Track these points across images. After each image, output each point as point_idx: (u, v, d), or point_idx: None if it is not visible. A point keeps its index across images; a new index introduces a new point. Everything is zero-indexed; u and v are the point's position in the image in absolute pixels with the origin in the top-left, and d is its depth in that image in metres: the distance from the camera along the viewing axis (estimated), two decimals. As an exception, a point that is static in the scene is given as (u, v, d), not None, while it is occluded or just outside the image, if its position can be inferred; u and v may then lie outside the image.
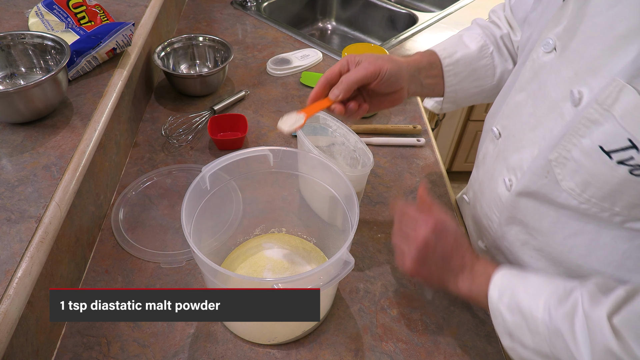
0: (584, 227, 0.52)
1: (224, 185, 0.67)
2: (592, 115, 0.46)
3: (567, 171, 0.50)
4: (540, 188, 0.55)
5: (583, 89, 0.48)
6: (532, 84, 0.57)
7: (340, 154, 0.79)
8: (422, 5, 1.70)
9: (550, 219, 0.56)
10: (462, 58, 0.73)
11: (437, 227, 0.58)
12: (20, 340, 0.53)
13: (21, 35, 0.75)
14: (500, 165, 0.62)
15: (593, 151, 0.46)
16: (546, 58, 0.54)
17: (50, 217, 0.58)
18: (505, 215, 0.61)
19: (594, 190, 0.49)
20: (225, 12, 1.38)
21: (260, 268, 0.71)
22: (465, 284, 0.58)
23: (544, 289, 0.51)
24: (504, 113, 0.64)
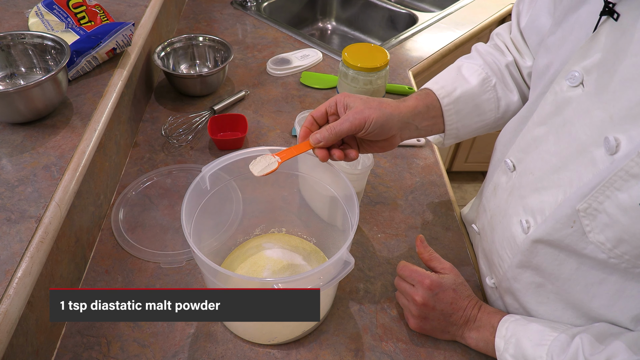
0: (608, 277, 0.49)
1: (224, 185, 0.67)
2: (633, 169, 0.41)
3: (598, 224, 0.46)
4: (564, 237, 0.50)
5: (621, 136, 0.44)
6: (555, 119, 0.52)
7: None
8: (422, 5, 1.70)
9: (570, 267, 0.52)
10: (463, 95, 0.67)
11: (432, 287, 0.61)
12: (20, 340, 0.53)
13: (21, 35, 0.75)
14: (516, 202, 0.58)
15: (631, 208, 0.42)
16: (572, 93, 0.50)
17: (50, 217, 0.58)
18: (518, 258, 0.57)
19: (629, 247, 0.45)
20: (225, 12, 1.38)
21: (260, 268, 0.71)
22: (472, 337, 0.61)
23: (547, 337, 0.52)
24: (519, 145, 0.59)
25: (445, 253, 0.77)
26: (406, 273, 0.64)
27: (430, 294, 0.61)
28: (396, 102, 0.63)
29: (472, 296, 0.63)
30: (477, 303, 0.62)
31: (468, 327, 0.61)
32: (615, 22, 0.45)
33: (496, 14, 1.48)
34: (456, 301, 0.61)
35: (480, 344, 0.60)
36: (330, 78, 1.13)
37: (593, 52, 0.47)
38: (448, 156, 2.02)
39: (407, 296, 0.64)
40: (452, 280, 0.62)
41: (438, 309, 0.61)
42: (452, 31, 1.37)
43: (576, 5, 0.52)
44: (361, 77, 0.96)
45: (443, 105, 0.67)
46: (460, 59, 0.76)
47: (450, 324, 0.62)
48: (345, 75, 0.98)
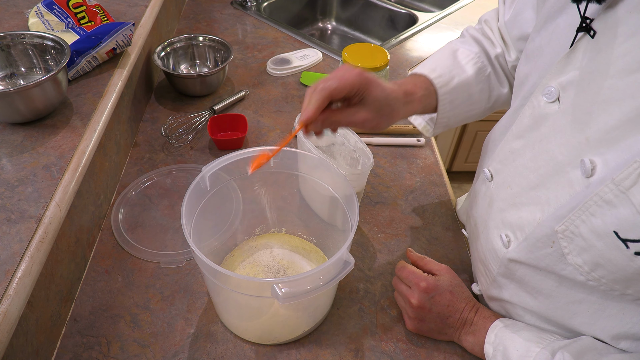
0: (588, 297, 0.49)
1: (224, 185, 0.67)
2: (607, 195, 0.40)
3: (575, 247, 0.45)
4: (544, 257, 0.50)
5: (597, 159, 0.42)
6: (532, 134, 0.52)
7: (340, 154, 0.79)
8: (422, 5, 1.70)
9: (550, 285, 0.52)
10: (460, 84, 0.66)
11: (429, 289, 0.61)
12: (20, 340, 0.53)
13: (21, 35, 0.75)
14: (495, 215, 0.58)
15: (606, 235, 0.41)
16: (548, 109, 0.49)
17: (50, 217, 0.58)
18: (502, 270, 0.57)
19: (605, 272, 0.44)
20: (225, 12, 1.38)
21: (260, 268, 0.70)
22: (468, 341, 0.61)
23: (532, 349, 0.52)
24: (498, 156, 0.59)
25: (445, 253, 0.77)
26: (403, 274, 0.64)
27: (426, 296, 0.61)
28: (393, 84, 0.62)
29: (470, 298, 0.62)
30: (474, 306, 0.62)
31: (464, 330, 0.61)
32: (592, 39, 0.43)
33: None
34: (453, 303, 0.61)
35: (476, 348, 0.60)
36: (330, 78, 1.13)
37: (569, 68, 0.46)
38: (448, 156, 2.02)
39: (403, 298, 0.64)
40: (448, 282, 0.62)
41: (434, 311, 0.61)
42: (452, 31, 1.37)
43: (555, 14, 0.51)
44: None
45: (440, 94, 0.65)
46: (454, 42, 0.74)
47: (447, 326, 0.62)
48: (345, 75, 0.97)
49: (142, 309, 0.67)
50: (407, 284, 0.64)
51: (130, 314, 0.66)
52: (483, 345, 0.58)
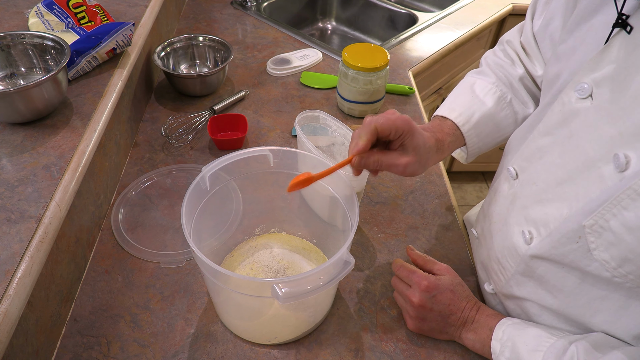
0: (611, 294, 0.48)
1: (224, 185, 0.67)
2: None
3: (602, 242, 0.45)
4: (568, 252, 0.49)
5: (631, 153, 0.43)
6: (561, 130, 0.52)
7: (340, 154, 0.79)
8: (422, 5, 1.70)
9: (573, 282, 0.51)
10: (482, 118, 0.68)
11: (430, 289, 0.61)
12: (20, 340, 0.53)
13: (21, 35, 0.75)
14: (518, 212, 0.57)
15: (638, 228, 0.42)
16: (580, 105, 0.49)
17: (50, 217, 0.58)
18: (521, 267, 0.57)
19: (633, 267, 0.44)
20: (225, 12, 1.38)
21: (260, 268, 0.70)
22: (469, 338, 0.61)
23: (543, 344, 0.52)
24: (523, 154, 0.59)
25: (445, 253, 0.77)
26: (403, 274, 0.64)
27: (427, 295, 0.61)
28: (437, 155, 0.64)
29: (471, 297, 0.62)
30: (475, 304, 0.62)
31: (466, 328, 0.61)
32: (628, 35, 0.44)
33: (496, 14, 1.48)
34: (454, 302, 0.61)
35: (477, 346, 0.60)
36: (330, 78, 1.13)
37: (604, 64, 0.46)
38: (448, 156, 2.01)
39: (404, 297, 0.64)
40: (449, 281, 0.62)
41: (436, 310, 0.61)
42: (452, 31, 1.37)
43: (589, 15, 0.51)
44: (361, 77, 0.96)
45: (464, 132, 0.68)
46: (470, 75, 0.75)
47: (448, 324, 0.62)
48: (345, 75, 0.98)
49: (142, 309, 0.67)
50: (407, 283, 0.64)
51: (130, 314, 0.66)
52: (486, 342, 0.58)
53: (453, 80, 1.55)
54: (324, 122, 0.77)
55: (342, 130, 0.77)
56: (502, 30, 1.63)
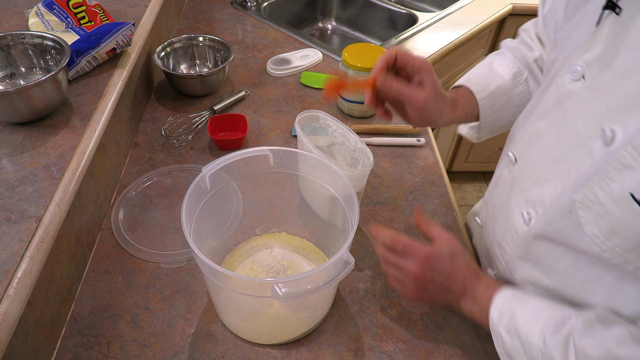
0: (604, 275, 0.49)
1: (224, 185, 0.67)
2: (626, 159, 0.42)
3: (592, 215, 0.46)
4: (560, 229, 0.50)
5: (616, 127, 0.44)
6: (556, 112, 0.53)
7: (340, 154, 0.79)
8: (422, 5, 1.70)
9: (567, 262, 0.52)
10: (497, 89, 0.70)
11: (429, 258, 0.59)
12: (20, 340, 0.53)
13: (21, 35, 0.75)
14: (518, 195, 0.58)
15: (623, 198, 0.42)
16: (573, 86, 0.50)
17: (50, 217, 0.58)
18: (520, 250, 0.58)
19: (620, 240, 0.45)
20: (225, 12, 1.38)
21: (260, 268, 0.70)
22: (467, 306, 0.60)
23: (542, 315, 0.52)
24: (521, 138, 0.60)
25: (445, 253, 0.77)
26: (399, 246, 0.61)
27: (427, 265, 0.59)
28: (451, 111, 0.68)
29: (470, 265, 0.61)
30: (475, 272, 0.60)
31: (465, 296, 0.60)
32: (617, 16, 0.45)
33: (496, 14, 1.48)
34: (454, 271, 0.60)
35: (476, 314, 0.59)
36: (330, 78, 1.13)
37: (595, 45, 0.47)
38: (448, 156, 2.02)
39: (401, 268, 0.61)
40: (448, 249, 0.60)
41: (436, 279, 0.60)
42: (452, 31, 1.37)
43: (585, 1, 0.53)
44: (361, 77, 0.96)
45: (478, 99, 0.70)
46: (490, 56, 0.77)
47: (448, 292, 0.60)
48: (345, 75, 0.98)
49: (142, 309, 0.67)
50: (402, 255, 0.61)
51: (130, 314, 0.66)
52: (484, 310, 0.57)
53: (453, 80, 1.55)
54: (324, 122, 0.77)
55: (342, 130, 0.77)
56: (502, 30, 1.63)
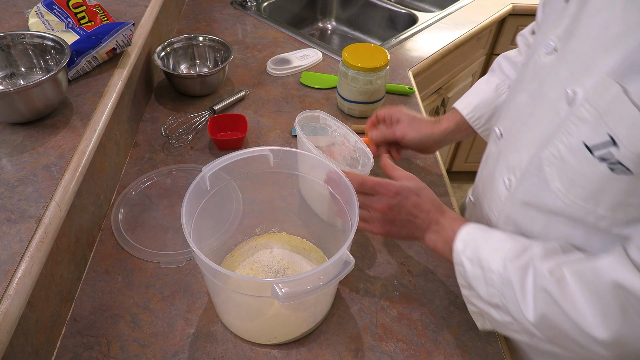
0: (574, 232, 0.53)
1: (224, 185, 0.67)
2: (582, 114, 0.46)
3: (555, 170, 0.51)
4: (532, 188, 0.55)
5: (577, 88, 0.48)
6: (533, 84, 0.57)
7: (340, 154, 0.79)
8: (422, 5, 1.70)
9: (541, 223, 0.56)
10: (480, 103, 0.80)
11: (396, 195, 0.62)
12: (20, 340, 0.53)
13: (21, 35, 0.75)
14: (501, 165, 0.62)
15: (578, 148, 0.47)
16: (547, 59, 0.55)
17: (50, 217, 0.58)
18: (503, 215, 0.62)
19: (578, 189, 0.49)
20: (225, 12, 1.38)
21: (260, 268, 0.70)
22: (431, 238, 0.63)
23: (505, 245, 0.55)
24: (506, 114, 0.64)
25: (445, 253, 0.77)
26: (369, 186, 0.63)
27: (394, 201, 0.62)
28: (432, 124, 0.81)
29: (435, 200, 0.64)
30: (440, 208, 0.64)
31: (430, 230, 0.63)
32: None
33: (496, 14, 1.48)
34: (419, 205, 0.63)
35: (439, 246, 0.62)
36: (330, 78, 1.13)
37: (563, 20, 0.52)
38: (448, 156, 2.02)
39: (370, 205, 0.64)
40: (414, 185, 0.64)
41: (403, 213, 0.63)
42: (452, 31, 1.37)
43: None
44: (361, 77, 0.96)
45: (464, 115, 0.80)
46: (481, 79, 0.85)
47: (415, 227, 0.63)
48: (345, 75, 0.98)
49: (142, 309, 0.67)
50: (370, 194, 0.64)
51: (130, 314, 0.66)
52: (448, 242, 0.60)
53: (453, 80, 1.55)
54: (324, 122, 0.77)
55: (342, 130, 0.77)
56: (502, 30, 1.63)
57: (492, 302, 0.54)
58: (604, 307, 0.45)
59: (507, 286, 0.52)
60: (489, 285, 0.54)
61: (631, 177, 0.44)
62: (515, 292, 0.51)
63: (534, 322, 0.50)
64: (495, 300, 0.54)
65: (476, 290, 0.56)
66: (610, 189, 0.46)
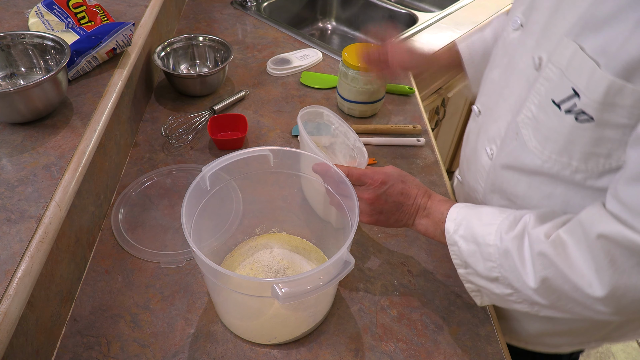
0: (555, 190, 0.57)
1: (224, 185, 0.67)
2: (548, 75, 0.52)
3: (531, 130, 0.55)
4: (512, 152, 0.59)
5: (542, 54, 0.53)
6: (504, 60, 0.62)
7: (340, 151, 0.79)
8: (422, 5, 1.70)
9: (524, 185, 0.60)
10: (477, 41, 0.82)
11: (382, 184, 0.63)
12: (20, 340, 0.53)
13: (21, 35, 0.75)
14: (482, 138, 0.67)
15: (547, 105, 0.52)
16: (514, 35, 0.60)
17: (50, 217, 0.58)
18: (488, 184, 0.66)
19: (552, 144, 0.53)
20: (225, 12, 1.38)
21: (261, 268, 0.70)
22: (422, 223, 0.64)
23: (497, 218, 0.56)
24: (482, 92, 0.69)
25: (445, 253, 0.76)
26: (353, 178, 0.63)
27: (380, 190, 0.63)
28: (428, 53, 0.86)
29: (421, 186, 0.65)
30: (426, 192, 0.65)
31: (419, 215, 0.64)
32: None
33: (496, 14, 1.48)
34: (406, 191, 0.64)
35: (430, 229, 0.63)
36: (330, 78, 1.13)
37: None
38: (448, 156, 2.02)
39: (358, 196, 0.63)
40: (397, 173, 0.65)
41: (390, 201, 0.63)
42: (452, 31, 1.37)
43: None
44: (361, 77, 0.96)
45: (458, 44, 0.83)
46: None
47: (403, 213, 0.64)
48: (345, 75, 0.98)
49: (142, 309, 0.67)
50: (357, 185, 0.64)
51: (130, 314, 0.66)
52: (438, 225, 0.61)
53: (453, 80, 1.55)
54: (327, 118, 0.77)
55: (343, 128, 0.76)
56: (502, 30, 1.62)
57: (490, 277, 0.55)
58: (596, 263, 0.47)
59: (506, 257, 0.53)
60: (486, 260, 0.55)
61: (593, 124, 0.48)
62: (514, 261, 0.52)
63: (536, 287, 0.51)
64: (494, 274, 0.55)
65: (473, 268, 0.57)
66: (579, 140, 0.50)
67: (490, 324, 0.68)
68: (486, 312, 0.69)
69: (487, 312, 0.69)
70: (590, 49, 0.46)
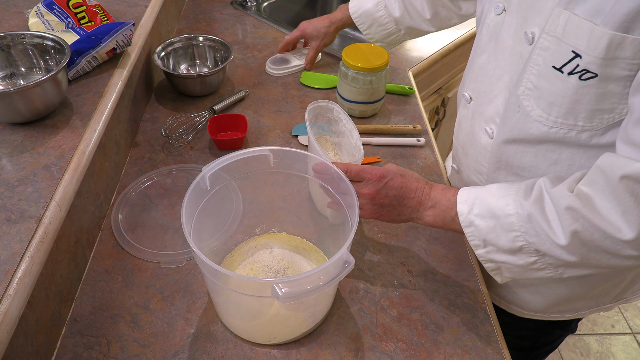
0: (560, 155, 0.59)
1: (224, 185, 0.67)
2: (544, 44, 0.54)
3: (533, 100, 0.57)
4: (515, 125, 0.61)
5: (534, 29, 0.56)
6: (490, 44, 0.64)
7: (346, 149, 0.79)
8: (422, 5, 1.69)
9: (530, 155, 0.62)
10: (364, 12, 1.00)
11: (381, 179, 0.63)
12: (20, 340, 0.53)
13: (21, 35, 0.75)
14: (478, 121, 0.68)
15: (549, 72, 0.54)
16: (498, 19, 0.62)
17: (50, 217, 0.58)
18: (493, 162, 0.67)
19: (557, 109, 0.56)
20: (225, 12, 1.38)
21: (261, 268, 0.70)
22: (428, 215, 0.63)
23: (510, 190, 0.57)
24: (471, 78, 0.70)
25: (446, 253, 0.77)
26: (352, 175, 0.64)
27: (380, 184, 0.62)
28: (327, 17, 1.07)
29: (420, 179, 0.65)
30: (427, 184, 0.64)
31: (423, 207, 0.63)
32: None
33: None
34: (406, 185, 0.63)
35: (438, 219, 0.62)
36: (330, 78, 1.13)
37: None
38: (448, 156, 2.01)
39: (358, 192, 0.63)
40: (395, 168, 0.65)
41: (391, 195, 0.63)
42: (452, 31, 1.37)
43: None
44: (361, 77, 0.96)
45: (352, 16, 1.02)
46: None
47: (405, 207, 0.64)
48: (345, 75, 0.98)
49: (142, 309, 0.67)
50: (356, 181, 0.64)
51: (130, 314, 0.66)
52: (447, 212, 0.61)
53: (453, 80, 1.55)
54: (337, 115, 0.77)
55: (349, 125, 0.76)
56: (502, 30, 1.62)
57: (514, 248, 0.55)
58: (622, 206, 0.47)
59: (530, 222, 0.53)
60: (508, 231, 0.55)
61: (597, 80, 0.51)
62: (540, 224, 0.53)
63: (566, 244, 0.51)
64: (518, 243, 0.55)
65: (494, 244, 0.57)
66: (584, 98, 0.53)
67: (490, 324, 0.68)
68: (486, 312, 0.69)
69: (487, 312, 0.69)
70: (583, 14, 0.49)
